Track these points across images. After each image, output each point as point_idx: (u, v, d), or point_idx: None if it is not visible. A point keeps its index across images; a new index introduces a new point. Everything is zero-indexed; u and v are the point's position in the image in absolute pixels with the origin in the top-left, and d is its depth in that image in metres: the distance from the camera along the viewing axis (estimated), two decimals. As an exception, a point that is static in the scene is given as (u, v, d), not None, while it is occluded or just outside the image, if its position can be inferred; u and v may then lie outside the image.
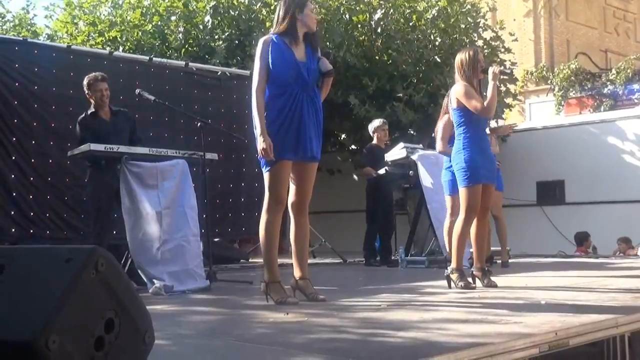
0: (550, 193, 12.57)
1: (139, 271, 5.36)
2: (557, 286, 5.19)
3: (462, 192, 5.09)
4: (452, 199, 6.59)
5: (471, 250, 7.43)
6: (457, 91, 5.14)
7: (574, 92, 16.71)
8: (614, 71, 16.54)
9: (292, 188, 4.35)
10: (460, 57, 5.22)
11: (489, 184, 5.20)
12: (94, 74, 5.96)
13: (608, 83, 16.34)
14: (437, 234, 7.78)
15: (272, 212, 4.26)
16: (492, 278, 5.21)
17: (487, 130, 5.16)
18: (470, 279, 5.10)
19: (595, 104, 16.03)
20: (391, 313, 3.76)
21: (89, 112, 5.91)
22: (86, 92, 5.92)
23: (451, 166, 6.51)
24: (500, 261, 7.83)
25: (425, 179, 7.81)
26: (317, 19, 4.39)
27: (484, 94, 5.13)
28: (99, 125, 5.86)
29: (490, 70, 5.10)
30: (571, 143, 12.58)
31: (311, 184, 4.39)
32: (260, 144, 4.13)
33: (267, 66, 4.21)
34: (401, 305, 4.15)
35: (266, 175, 4.26)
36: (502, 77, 5.42)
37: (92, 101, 5.90)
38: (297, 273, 4.35)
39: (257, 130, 4.16)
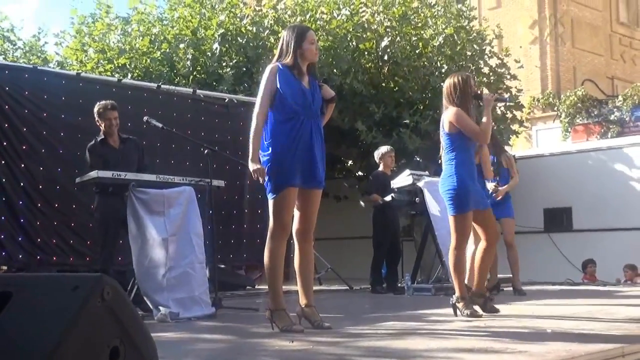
0: (558, 220, 12.53)
1: (145, 298, 5.36)
2: (564, 315, 5.17)
3: (451, 220, 5.05)
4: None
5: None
6: (449, 115, 5.06)
7: (580, 118, 16.72)
8: (620, 98, 16.57)
9: (297, 215, 4.36)
10: (451, 81, 5.13)
11: (484, 209, 5.14)
12: (104, 102, 6.01)
13: (615, 110, 16.36)
14: (443, 261, 7.76)
15: (277, 240, 4.27)
16: (498, 305, 5.19)
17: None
18: (477, 307, 5.07)
19: (602, 130, 16.03)
20: (397, 341, 3.74)
21: (99, 139, 5.97)
22: (96, 119, 5.97)
23: None
24: (511, 288, 7.75)
25: (432, 206, 7.82)
26: (316, 51, 4.42)
27: (476, 117, 5.13)
28: (108, 152, 5.91)
29: (485, 96, 5.10)
30: (578, 170, 12.56)
31: (316, 210, 4.40)
32: (250, 166, 4.23)
33: (272, 93, 4.27)
34: (407, 334, 4.14)
35: (271, 202, 4.27)
36: (499, 103, 5.42)
37: (102, 128, 5.96)
38: (302, 300, 4.35)
39: (249, 155, 4.25)
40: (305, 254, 4.39)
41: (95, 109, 5.97)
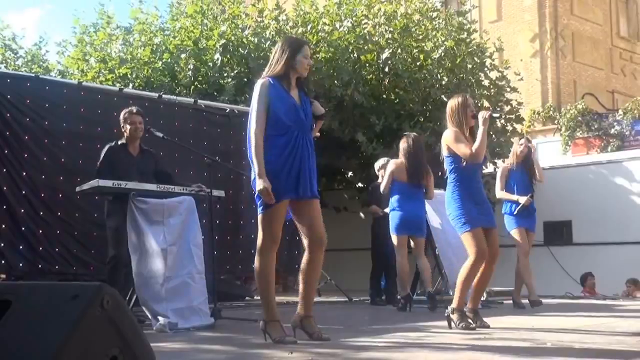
0: (558, 233, 12.52)
1: (144, 307, 5.34)
2: (564, 328, 5.15)
3: (466, 238, 5.05)
4: (397, 238, 7.19)
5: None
6: (446, 137, 5.19)
7: (580, 132, 16.77)
8: (620, 112, 16.61)
9: (307, 227, 4.31)
10: (451, 104, 5.28)
11: (490, 227, 5.17)
12: (130, 107, 6.10)
13: (615, 123, 16.40)
14: (443, 273, 7.75)
15: (267, 252, 4.24)
16: (497, 318, 5.18)
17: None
18: (471, 320, 5.06)
19: (602, 144, 16.07)
20: (397, 353, 3.73)
21: (120, 142, 5.98)
22: (121, 125, 6.01)
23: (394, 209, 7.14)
24: (511, 302, 7.73)
25: (432, 218, 7.80)
26: (308, 66, 4.37)
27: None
28: (124, 157, 5.92)
29: (480, 115, 5.12)
30: (578, 183, 12.57)
31: (320, 217, 4.37)
32: (259, 184, 4.14)
33: (266, 109, 4.25)
34: (407, 346, 4.12)
35: (262, 216, 4.23)
36: (493, 117, 5.43)
37: (126, 133, 5.98)
38: (301, 311, 4.33)
39: (256, 171, 4.18)
40: (315, 263, 4.30)
41: (121, 115, 6.03)
